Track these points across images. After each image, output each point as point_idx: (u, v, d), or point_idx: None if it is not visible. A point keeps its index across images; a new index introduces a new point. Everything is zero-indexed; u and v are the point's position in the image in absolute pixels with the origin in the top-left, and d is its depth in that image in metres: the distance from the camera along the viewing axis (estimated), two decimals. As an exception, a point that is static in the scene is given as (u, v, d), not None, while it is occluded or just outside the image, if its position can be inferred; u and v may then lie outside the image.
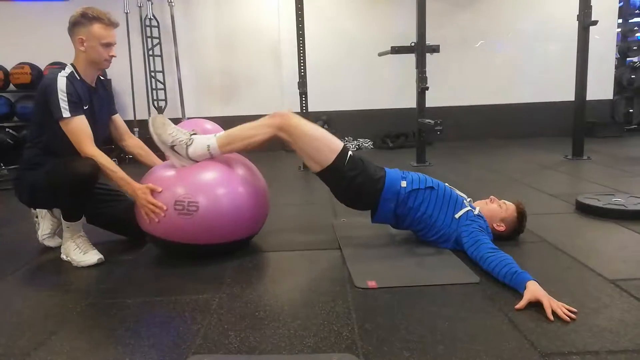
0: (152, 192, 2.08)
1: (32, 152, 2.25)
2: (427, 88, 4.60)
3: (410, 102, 4.92)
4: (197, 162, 2.16)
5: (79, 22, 2.18)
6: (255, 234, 2.35)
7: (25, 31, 5.83)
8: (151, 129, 2.15)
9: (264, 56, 6.16)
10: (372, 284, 1.84)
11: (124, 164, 5.21)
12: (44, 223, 2.46)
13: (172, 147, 2.14)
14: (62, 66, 2.21)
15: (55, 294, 1.92)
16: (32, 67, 5.52)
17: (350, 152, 2.19)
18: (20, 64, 5.53)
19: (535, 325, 1.49)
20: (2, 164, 5.07)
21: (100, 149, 2.20)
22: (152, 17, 5.72)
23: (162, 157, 2.41)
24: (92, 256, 2.19)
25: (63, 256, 2.26)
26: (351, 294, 1.78)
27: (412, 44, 4.63)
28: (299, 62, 4.67)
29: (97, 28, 2.18)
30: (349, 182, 2.16)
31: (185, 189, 2.07)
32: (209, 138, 2.15)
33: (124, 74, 5.73)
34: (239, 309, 1.69)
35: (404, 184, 2.19)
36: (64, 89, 2.10)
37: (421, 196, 2.17)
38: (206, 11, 6.06)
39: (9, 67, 5.55)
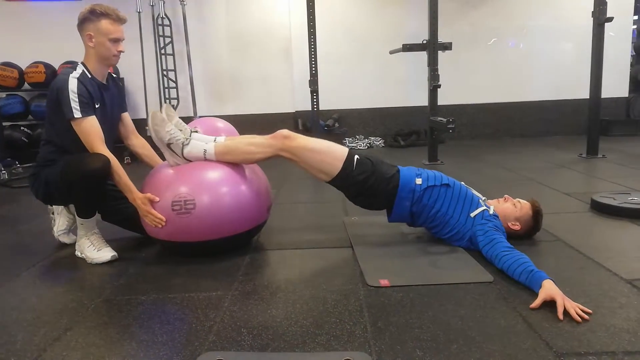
0: (151, 201, 2.09)
1: (47, 149, 2.28)
2: (439, 86, 4.58)
3: (422, 100, 4.89)
4: (191, 162, 2.17)
5: (88, 19, 2.20)
6: (261, 224, 2.34)
7: (39, 31, 5.90)
8: (149, 123, 2.14)
9: (275, 54, 6.17)
10: (384, 282, 1.83)
11: (136, 163, 5.25)
12: (60, 219, 2.49)
13: (168, 145, 2.15)
14: (73, 66, 2.23)
15: (70, 290, 1.94)
16: (47, 66, 5.57)
17: (357, 157, 2.17)
18: (34, 63, 5.59)
19: (550, 325, 1.47)
20: (17, 162, 5.13)
21: (112, 147, 2.22)
22: (164, 16, 5.75)
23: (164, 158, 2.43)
24: (106, 253, 2.21)
25: (77, 253, 2.28)
26: (363, 292, 1.78)
27: (424, 42, 4.60)
28: (310, 60, 4.67)
29: (105, 24, 2.20)
30: (361, 186, 2.16)
31: (181, 188, 2.08)
32: (207, 142, 2.16)
33: (136, 72, 5.77)
34: (252, 306, 1.69)
35: (419, 181, 2.17)
36: (75, 89, 2.12)
37: (436, 193, 2.16)
38: (218, 10, 6.08)
39: (23, 67, 5.61)
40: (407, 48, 4.67)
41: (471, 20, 6.23)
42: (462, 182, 2.27)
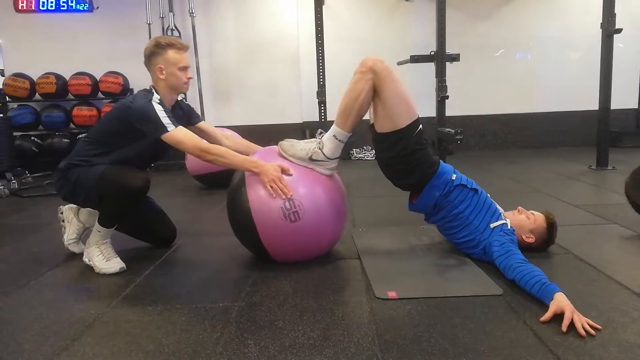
0: (284, 171, 2.08)
1: (89, 148, 2.26)
2: (447, 97, 4.58)
3: (430, 111, 4.89)
4: (339, 157, 2.17)
5: (155, 52, 2.26)
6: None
7: (50, 42, 5.97)
8: (283, 154, 2.17)
9: (284, 66, 6.21)
10: (392, 294, 1.82)
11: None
12: (70, 228, 2.50)
13: (311, 159, 2.14)
14: (149, 91, 2.28)
15: (78, 299, 1.94)
16: (58, 77, 5.64)
17: (421, 126, 2.15)
18: (45, 74, 5.66)
19: (561, 339, 1.45)
20: (27, 172, 5.18)
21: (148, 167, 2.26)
22: (173, 28, 5.81)
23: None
24: (115, 264, 2.21)
25: (85, 259, 2.28)
26: (371, 304, 1.76)
27: (432, 53, 4.61)
28: (318, 72, 4.69)
29: (172, 54, 2.26)
30: (408, 154, 2.11)
31: (302, 197, 2.06)
32: (332, 130, 2.14)
33: (146, 83, 5.81)
34: (259, 318, 1.68)
35: (454, 176, 2.18)
36: (162, 109, 2.19)
37: (464, 194, 2.16)
38: (227, 22, 6.14)
39: (35, 77, 5.69)
40: (415, 59, 4.68)
41: (479, 31, 6.24)
42: (488, 194, 2.27)
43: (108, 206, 2.20)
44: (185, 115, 2.48)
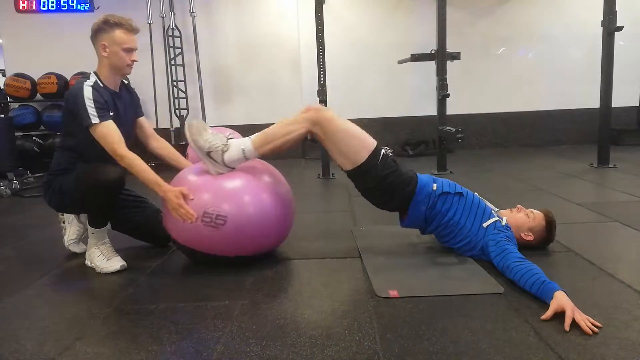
0: (185, 197, 2.06)
1: (62, 157, 2.31)
2: (448, 95, 4.57)
3: (431, 110, 4.89)
4: (233, 168, 2.15)
5: (102, 29, 2.23)
6: (279, 245, 2.36)
7: (51, 42, 5.98)
8: (187, 134, 2.13)
9: (284, 65, 6.20)
10: (393, 293, 1.82)
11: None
12: (71, 228, 2.51)
13: (208, 154, 2.11)
14: (85, 75, 2.26)
15: (80, 299, 1.95)
16: (59, 77, 5.65)
17: (383, 151, 2.15)
18: (46, 74, 5.66)
19: (562, 338, 1.45)
20: (28, 172, 5.18)
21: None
22: (174, 28, 5.81)
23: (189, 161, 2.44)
24: (115, 263, 2.22)
25: (87, 262, 2.29)
26: (372, 303, 1.76)
27: (432, 52, 4.61)
28: (319, 71, 4.68)
29: (118, 33, 2.22)
30: (380, 182, 2.12)
31: (215, 200, 2.05)
32: (244, 141, 2.13)
33: (147, 83, 5.83)
34: (260, 317, 1.69)
35: (434, 186, 2.16)
36: (91, 96, 2.14)
37: (450, 200, 2.15)
38: (227, 21, 6.14)
39: (36, 77, 5.69)
40: (416, 58, 4.68)
41: (480, 29, 6.23)
42: (475, 193, 2.26)
43: (89, 205, 2.22)
44: (133, 102, 2.46)
